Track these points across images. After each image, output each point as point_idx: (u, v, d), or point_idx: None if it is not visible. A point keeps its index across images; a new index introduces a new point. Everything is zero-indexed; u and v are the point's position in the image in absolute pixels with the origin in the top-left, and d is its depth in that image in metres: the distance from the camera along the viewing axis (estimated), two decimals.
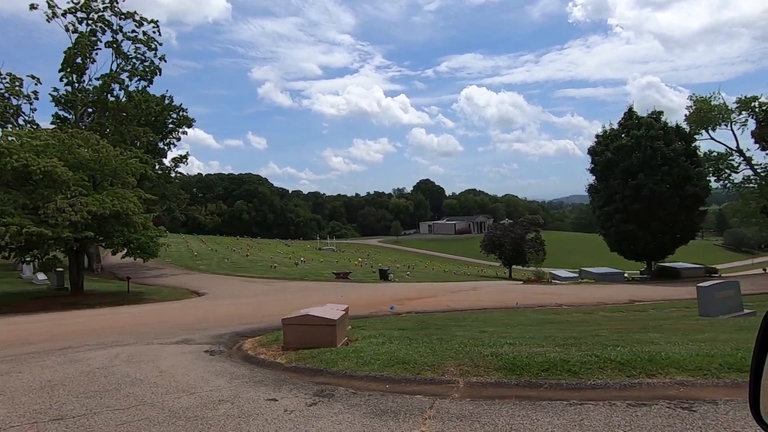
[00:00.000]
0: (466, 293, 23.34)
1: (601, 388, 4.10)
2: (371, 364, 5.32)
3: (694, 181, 30.91)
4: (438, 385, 4.57)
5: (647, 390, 3.96)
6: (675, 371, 4.24)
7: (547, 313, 14.55)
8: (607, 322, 10.28)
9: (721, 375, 4.10)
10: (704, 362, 4.33)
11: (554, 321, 10.76)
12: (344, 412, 3.88)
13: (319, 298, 20.93)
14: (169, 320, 12.30)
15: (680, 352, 4.77)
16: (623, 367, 4.40)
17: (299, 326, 7.20)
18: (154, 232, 20.07)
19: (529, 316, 12.60)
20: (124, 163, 18.79)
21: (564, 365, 4.55)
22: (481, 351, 5.37)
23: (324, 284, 29.83)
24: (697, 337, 6.35)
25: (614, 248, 34.96)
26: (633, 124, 33.75)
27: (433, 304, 17.80)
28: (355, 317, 13.75)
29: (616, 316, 13.19)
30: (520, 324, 10.08)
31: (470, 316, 12.85)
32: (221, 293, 23.93)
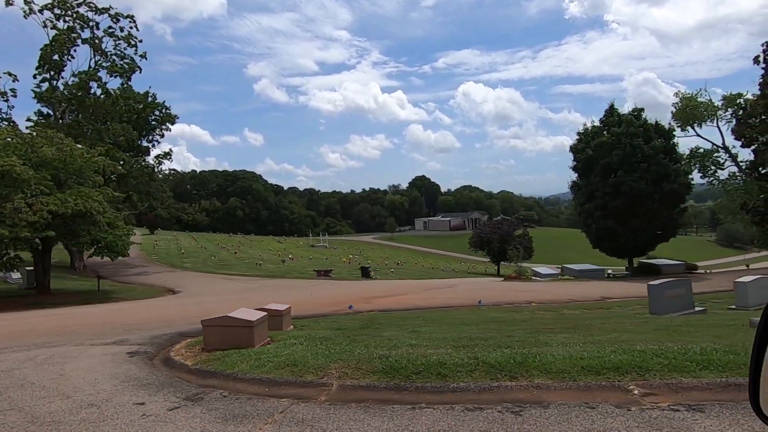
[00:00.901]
0: (441, 291, 23.41)
1: (461, 391, 4.15)
2: (264, 366, 5.36)
3: (672, 178, 30.97)
4: (312, 387, 4.61)
5: (500, 393, 4.01)
6: (538, 374, 4.28)
7: (504, 311, 14.62)
8: (550, 321, 10.33)
9: (578, 378, 4.14)
10: (569, 365, 4.37)
11: (499, 320, 10.81)
12: (197, 416, 3.92)
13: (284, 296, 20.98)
14: (121, 320, 12.33)
15: (560, 354, 4.81)
16: (492, 370, 4.45)
17: (219, 327, 7.25)
18: (123, 230, 20.08)
19: (481, 315, 12.67)
20: (88, 162, 18.74)
21: (438, 367, 4.60)
22: (374, 353, 5.42)
23: (303, 282, 29.89)
24: (604, 337, 6.40)
25: (596, 245, 35.11)
26: (614, 122, 33.81)
27: (400, 303, 17.86)
28: (310, 316, 13.86)
29: (570, 314, 13.27)
30: (462, 323, 10.13)
31: (422, 315, 12.92)
32: (196, 291, 23.98)
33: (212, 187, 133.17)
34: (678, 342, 5.44)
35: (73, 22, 28.47)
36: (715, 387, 3.81)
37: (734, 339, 5.62)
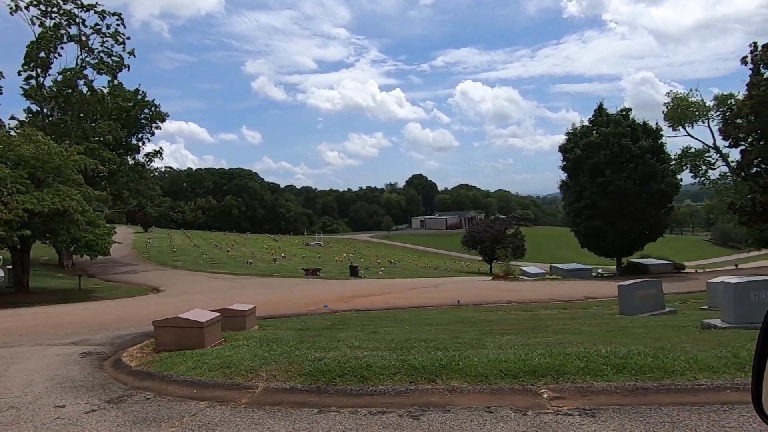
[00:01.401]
0: (425, 290, 23.44)
1: (378, 394, 4.17)
2: (200, 368, 5.38)
3: (659, 178, 31.01)
4: (237, 390, 4.63)
5: (414, 396, 4.03)
6: (457, 377, 4.31)
7: (479, 311, 14.66)
8: (514, 321, 10.35)
9: (494, 381, 4.17)
10: (489, 368, 4.40)
11: (467, 320, 10.84)
12: (109, 419, 3.94)
13: (267, 295, 21.01)
14: (92, 319, 12.34)
15: (488, 356, 4.83)
16: (414, 373, 4.47)
17: (170, 328, 7.27)
18: (104, 229, 20.05)
19: (453, 315, 12.70)
20: (66, 160, 18.69)
21: (363, 370, 4.62)
22: (310, 355, 5.44)
23: (291, 281, 29.89)
24: (549, 338, 6.43)
25: (584, 244, 35.18)
26: (603, 121, 33.84)
27: (379, 302, 17.88)
28: (284, 316, 13.84)
29: (543, 314, 13.29)
30: (427, 324, 10.16)
31: (394, 315, 12.95)
32: (181, 290, 23.97)
33: (208, 185, 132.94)
34: (615, 344, 5.47)
35: (60, 19, 28.39)
36: (623, 391, 3.84)
37: (672, 341, 5.65)
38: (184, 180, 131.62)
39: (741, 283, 7.34)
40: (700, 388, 3.76)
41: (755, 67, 30.31)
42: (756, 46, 30.38)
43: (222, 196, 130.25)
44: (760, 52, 30.03)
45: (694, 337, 6.04)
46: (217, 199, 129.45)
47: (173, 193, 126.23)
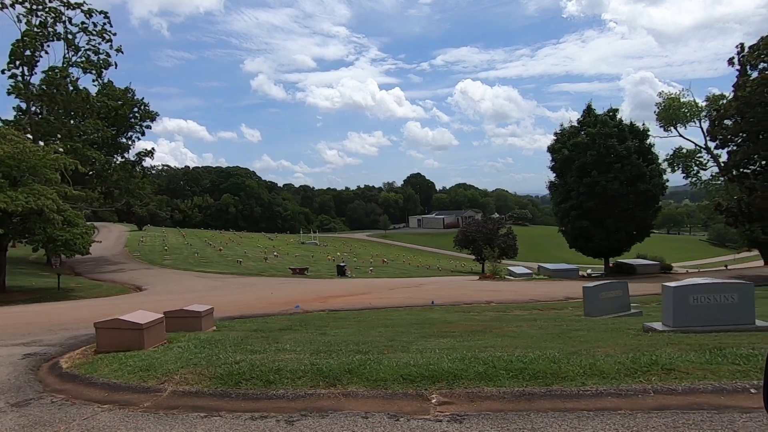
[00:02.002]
0: (406, 290, 23.45)
1: (277, 398, 4.19)
2: (121, 371, 5.41)
3: (646, 179, 31.00)
4: (146, 393, 4.66)
5: (310, 401, 4.05)
6: (357, 382, 4.33)
7: (447, 312, 14.64)
8: (471, 323, 10.35)
9: (391, 386, 4.18)
10: (392, 373, 4.41)
11: (426, 321, 10.85)
12: (2, 423, 3.97)
13: (245, 295, 21.06)
14: (57, 319, 12.37)
15: (398, 361, 4.86)
16: (317, 377, 4.49)
17: (110, 330, 7.30)
18: (83, 228, 20.04)
19: (418, 316, 12.70)
20: (42, 159, 18.66)
21: (271, 374, 4.64)
22: (230, 358, 5.47)
23: (276, 280, 29.97)
24: (485, 341, 6.46)
25: (572, 244, 35.17)
26: (590, 122, 33.82)
27: (354, 302, 17.91)
28: (253, 316, 13.84)
29: (512, 315, 13.31)
30: (383, 325, 10.18)
31: (359, 316, 12.97)
32: (163, 289, 24.03)
33: (205, 183, 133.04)
34: (537, 348, 5.50)
35: (46, 17, 28.36)
36: (510, 396, 3.86)
37: (594, 345, 5.67)
38: (181, 178, 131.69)
39: (680, 286, 7.34)
40: (584, 393, 3.79)
41: (742, 68, 30.33)
42: (743, 48, 30.39)
43: (219, 194, 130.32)
44: (746, 54, 30.03)
45: (623, 341, 6.06)
46: (215, 197, 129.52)
47: (171, 191, 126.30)
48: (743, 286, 7.37)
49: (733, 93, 30.15)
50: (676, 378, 3.92)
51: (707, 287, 7.33)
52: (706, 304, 7.24)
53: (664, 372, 4.03)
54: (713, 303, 7.25)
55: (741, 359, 4.31)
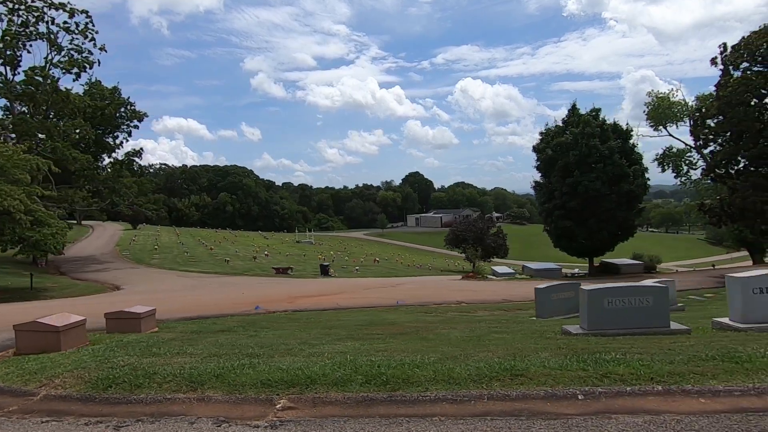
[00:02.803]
0: (382, 290, 23.49)
1: (134, 404, 4.24)
2: (12, 374, 5.46)
3: (629, 179, 30.96)
4: (19, 397, 4.72)
5: (163, 405, 4.10)
6: (220, 386, 4.37)
7: (408, 312, 14.71)
8: (415, 324, 10.40)
9: (249, 391, 4.22)
10: (254, 377, 4.47)
11: (374, 323, 10.91)
12: None
13: (217, 295, 21.13)
14: (8, 319, 12.44)
15: (270, 365, 4.92)
16: (183, 382, 4.53)
17: (29, 332, 7.38)
18: (55, 228, 20.11)
19: (372, 316, 12.75)
20: (10, 159, 18.74)
21: (141, 379, 4.70)
22: (118, 361, 5.54)
23: (257, 279, 30.07)
24: (385, 345, 6.52)
25: (556, 244, 35.15)
26: (574, 122, 33.80)
27: (321, 303, 17.97)
28: (211, 316, 13.90)
29: (468, 316, 13.36)
30: (325, 326, 10.26)
31: (312, 316, 13.06)
32: (140, 288, 24.15)
33: (203, 182, 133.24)
34: (429, 353, 5.55)
35: (28, 16, 28.46)
36: (352, 402, 3.92)
37: (475, 350, 5.71)
38: (178, 177, 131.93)
39: (594, 290, 7.37)
40: (422, 399, 3.84)
41: (725, 68, 30.23)
42: (725, 47, 30.28)
43: (217, 193, 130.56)
44: (729, 54, 29.94)
45: (523, 345, 6.10)
46: (212, 196, 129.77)
47: (168, 190, 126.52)
48: (658, 290, 7.40)
49: (715, 93, 30.10)
50: (518, 383, 3.97)
51: (622, 291, 7.36)
52: (621, 307, 7.28)
53: (510, 377, 4.08)
54: (628, 306, 7.28)
55: (602, 363, 4.35)
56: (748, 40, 28.51)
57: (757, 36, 28.05)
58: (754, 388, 3.58)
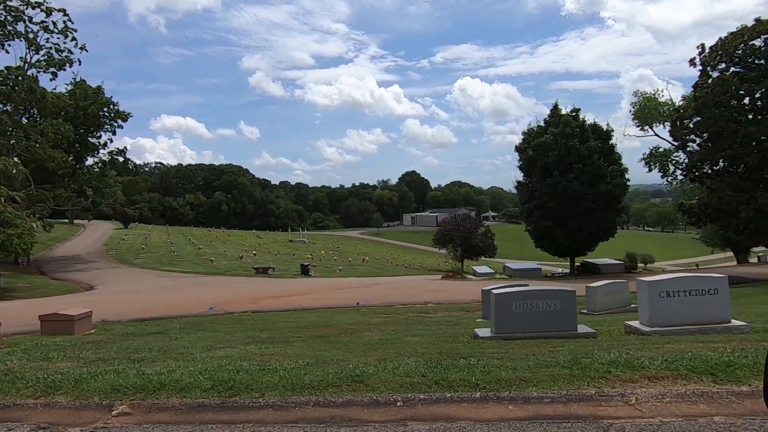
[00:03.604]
0: (353, 290, 23.58)
1: None
2: None
3: (606, 179, 31.01)
4: None
5: (5, 412, 4.18)
6: (72, 392, 4.39)
7: (363, 314, 14.75)
8: (360, 326, 10.47)
9: (91, 396, 4.27)
10: (111, 383, 4.53)
11: (315, 324, 10.97)
12: None
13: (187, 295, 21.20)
14: None
15: (123, 371, 4.99)
16: (44, 388, 4.60)
17: None
18: (21, 229, 20.13)
19: (320, 318, 12.82)
20: None
21: (6, 383, 4.77)
22: None
23: (235, 279, 30.17)
24: (282, 349, 6.59)
25: (537, 244, 35.23)
26: (556, 122, 33.84)
27: (285, 303, 18.06)
28: (165, 317, 13.96)
29: (419, 318, 13.42)
30: (260, 329, 10.34)
31: (259, 318, 13.14)
32: (113, 288, 24.26)
33: (198, 180, 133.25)
34: (316, 358, 5.62)
35: (6, 16, 28.41)
36: (186, 408, 3.96)
37: (387, 351, 5.78)
38: (173, 176, 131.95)
39: (502, 293, 7.43)
40: (252, 405, 3.88)
41: (703, 68, 30.24)
42: (704, 48, 30.31)
43: (212, 192, 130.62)
44: (707, 54, 29.96)
45: (411, 350, 6.16)
46: (207, 195, 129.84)
47: (163, 189, 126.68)
48: (565, 293, 7.45)
49: (693, 93, 30.14)
50: (351, 390, 4.03)
51: (529, 294, 7.42)
52: (528, 311, 7.33)
53: (348, 383, 4.13)
54: (535, 310, 7.33)
55: (447, 369, 4.40)
56: (725, 41, 28.54)
57: (734, 37, 28.08)
58: (564, 395, 3.63)
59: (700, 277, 7.42)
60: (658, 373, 3.96)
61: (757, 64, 28.17)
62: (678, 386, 3.68)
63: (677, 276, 7.46)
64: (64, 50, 31.54)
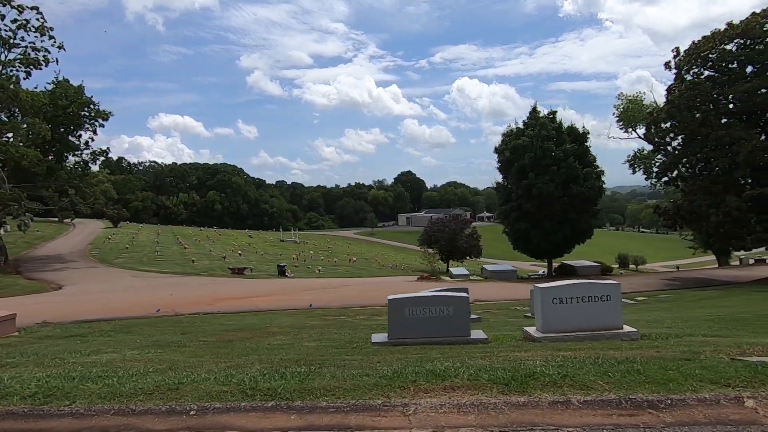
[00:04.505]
0: (320, 292, 23.62)
1: None
2: None
3: (580, 181, 31.07)
4: None
5: None
6: None
7: (313, 317, 14.81)
8: (286, 330, 10.52)
9: None
10: None
11: (249, 327, 11.04)
12: None
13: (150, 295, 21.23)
14: None
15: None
16: None
17: None
18: None
19: (254, 320, 12.88)
20: None
21: None
22: None
23: (208, 279, 30.19)
24: (166, 355, 6.64)
25: (515, 246, 35.28)
26: (533, 124, 33.90)
27: (242, 305, 18.13)
28: (109, 319, 14.01)
29: (354, 322, 13.48)
30: (190, 332, 10.39)
31: (195, 321, 13.18)
32: (78, 289, 24.32)
33: (192, 180, 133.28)
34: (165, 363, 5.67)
35: None
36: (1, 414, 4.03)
37: (249, 357, 5.83)
38: (167, 175, 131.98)
39: (396, 299, 7.47)
40: (57, 413, 3.96)
41: (678, 71, 30.31)
42: (678, 51, 30.39)
43: (206, 191, 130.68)
44: (682, 57, 30.03)
45: (285, 356, 6.22)
46: (201, 194, 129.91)
47: (156, 188, 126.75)
48: (458, 299, 7.50)
49: (666, 97, 30.23)
50: (162, 399, 4.08)
51: (422, 300, 7.47)
52: (422, 316, 7.38)
53: (167, 391, 4.19)
54: (428, 316, 7.38)
55: (277, 378, 4.46)
56: (698, 45, 28.62)
57: (705, 41, 28.17)
58: (350, 405, 3.69)
59: (592, 284, 7.47)
60: (460, 383, 4.01)
61: (731, 68, 28.27)
62: (463, 397, 3.74)
63: (570, 282, 7.50)
64: (41, 49, 31.61)
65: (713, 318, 10.93)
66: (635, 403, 3.47)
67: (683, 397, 3.49)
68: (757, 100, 26.30)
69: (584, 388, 3.76)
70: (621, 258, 52.51)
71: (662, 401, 3.47)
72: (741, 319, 10.55)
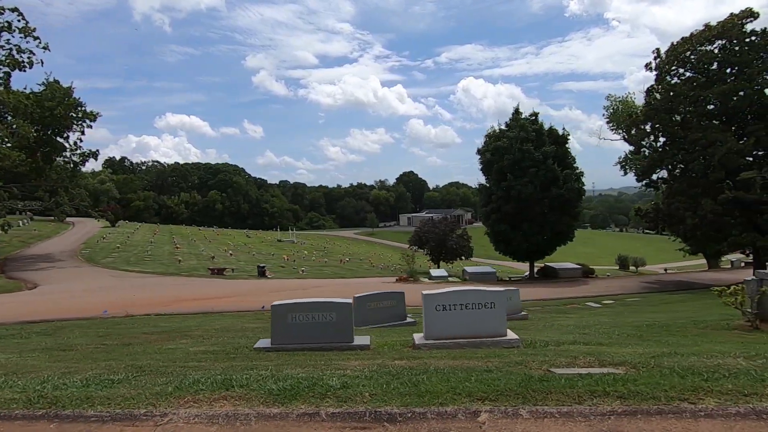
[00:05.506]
0: (288, 293, 23.69)
1: None
2: None
3: (559, 183, 30.89)
4: None
5: None
6: None
7: (260, 319, 14.88)
8: (205, 333, 10.59)
9: None
10: None
11: (174, 330, 11.13)
12: None
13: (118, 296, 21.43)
14: None
15: None
16: None
17: None
18: None
19: (203, 322, 12.97)
20: None
21: None
22: None
23: (186, 280, 30.41)
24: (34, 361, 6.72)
25: (496, 247, 35.17)
26: (515, 125, 33.77)
27: (196, 307, 18.26)
28: (61, 319, 14.14)
29: None
30: (106, 335, 10.49)
31: (140, 322, 13.29)
32: (54, 288, 24.63)
33: (194, 179, 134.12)
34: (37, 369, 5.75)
35: None
36: None
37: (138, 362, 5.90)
38: (169, 174, 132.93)
39: (279, 305, 7.50)
40: None
41: (659, 73, 30.05)
42: (659, 53, 30.11)
43: (207, 191, 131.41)
44: (662, 59, 29.77)
45: (151, 362, 6.27)
46: (203, 194, 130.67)
47: (158, 188, 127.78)
48: (340, 306, 7.52)
49: (645, 98, 29.98)
50: None
51: (306, 306, 7.49)
52: (305, 322, 7.40)
53: None
54: (311, 321, 7.40)
55: (93, 385, 4.51)
56: (676, 47, 28.36)
57: (684, 42, 27.91)
58: (119, 414, 3.71)
59: (476, 291, 7.45)
60: (240, 393, 4.03)
61: (711, 69, 27.99)
62: (224, 407, 3.77)
63: (454, 290, 7.49)
64: (25, 50, 32.01)
65: (641, 325, 10.86)
66: (377, 416, 3.48)
67: (425, 410, 3.50)
68: (734, 102, 26.02)
69: (343, 400, 3.77)
70: (621, 259, 52.00)
71: (404, 414, 3.48)
72: (665, 325, 10.47)
